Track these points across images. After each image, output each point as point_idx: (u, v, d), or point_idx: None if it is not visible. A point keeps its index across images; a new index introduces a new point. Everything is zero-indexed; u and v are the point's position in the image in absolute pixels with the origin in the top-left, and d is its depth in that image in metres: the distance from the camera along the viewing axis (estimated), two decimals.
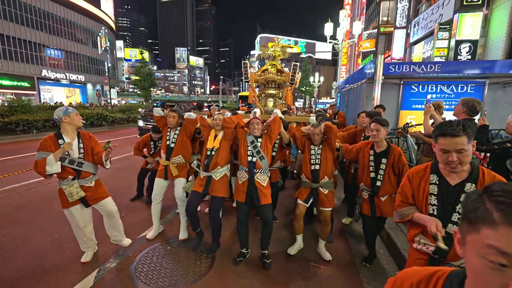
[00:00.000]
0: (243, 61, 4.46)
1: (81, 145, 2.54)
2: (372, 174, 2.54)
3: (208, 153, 2.81)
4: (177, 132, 3.15)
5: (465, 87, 4.79)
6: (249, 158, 2.67)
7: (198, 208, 3.18)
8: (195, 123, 3.11)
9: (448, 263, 1.38)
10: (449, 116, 3.98)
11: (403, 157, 2.44)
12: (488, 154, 3.07)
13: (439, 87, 4.85)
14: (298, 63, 4.21)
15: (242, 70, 4.44)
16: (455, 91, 4.83)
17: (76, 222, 2.58)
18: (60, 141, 2.41)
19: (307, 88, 35.75)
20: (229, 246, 3.10)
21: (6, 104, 13.02)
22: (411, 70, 4.44)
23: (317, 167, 2.75)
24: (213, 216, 2.83)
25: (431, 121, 2.92)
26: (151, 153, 4.22)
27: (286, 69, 4.47)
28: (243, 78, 4.50)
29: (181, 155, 3.14)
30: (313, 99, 38.34)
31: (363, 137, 3.33)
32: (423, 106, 3.35)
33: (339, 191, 4.54)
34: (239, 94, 16.25)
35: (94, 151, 2.59)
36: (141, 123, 10.15)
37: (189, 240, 3.17)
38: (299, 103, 41.40)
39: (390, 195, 2.57)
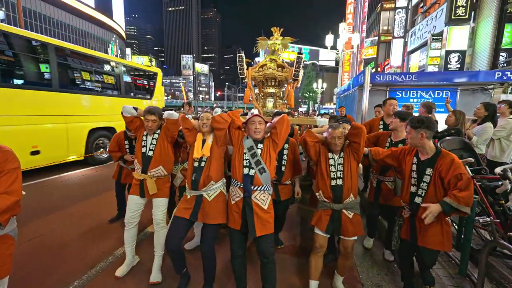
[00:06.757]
0: (238, 54, 3.73)
1: None
2: (413, 188, 1.95)
3: (196, 164, 2.11)
4: (155, 136, 2.46)
5: (441, 93, 5.76)
6: (245, 171, 1.97)
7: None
8: (178, 125, 2.42)
9: None
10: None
11: (459, 166, 1.78)
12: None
13: (419, 93, 5.84)
14: (302, 55, 3.60)
15: (238, 64, 3.73)
16: (433, 96, 5.81)
17: None
18: None
19: (311, 94, 36.87)
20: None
21: None
22: (393, 79, 5.43)
23: (339, 182, 2.10)
24: (206, 251, 2.09)
25: None
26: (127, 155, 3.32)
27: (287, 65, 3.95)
28: (238, 74, 3.80)
29: (161, 165, 2.44)
30: (316, 104, 39.43)
31: (389, 143, 2.69)
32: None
33: None
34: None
35: None
36: None
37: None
38: (303, 108, 42.48)
39: (439, 220, 1.87)
